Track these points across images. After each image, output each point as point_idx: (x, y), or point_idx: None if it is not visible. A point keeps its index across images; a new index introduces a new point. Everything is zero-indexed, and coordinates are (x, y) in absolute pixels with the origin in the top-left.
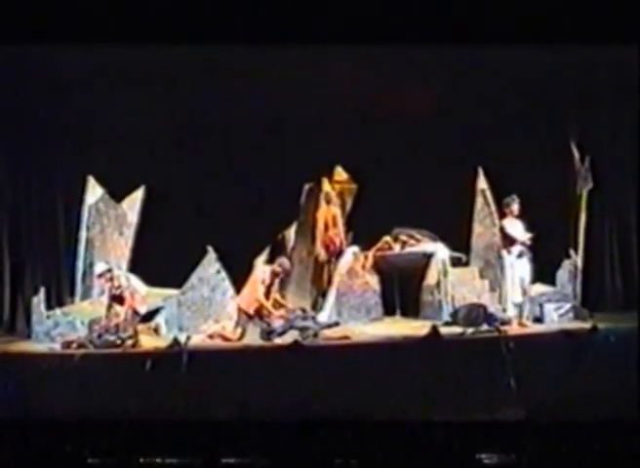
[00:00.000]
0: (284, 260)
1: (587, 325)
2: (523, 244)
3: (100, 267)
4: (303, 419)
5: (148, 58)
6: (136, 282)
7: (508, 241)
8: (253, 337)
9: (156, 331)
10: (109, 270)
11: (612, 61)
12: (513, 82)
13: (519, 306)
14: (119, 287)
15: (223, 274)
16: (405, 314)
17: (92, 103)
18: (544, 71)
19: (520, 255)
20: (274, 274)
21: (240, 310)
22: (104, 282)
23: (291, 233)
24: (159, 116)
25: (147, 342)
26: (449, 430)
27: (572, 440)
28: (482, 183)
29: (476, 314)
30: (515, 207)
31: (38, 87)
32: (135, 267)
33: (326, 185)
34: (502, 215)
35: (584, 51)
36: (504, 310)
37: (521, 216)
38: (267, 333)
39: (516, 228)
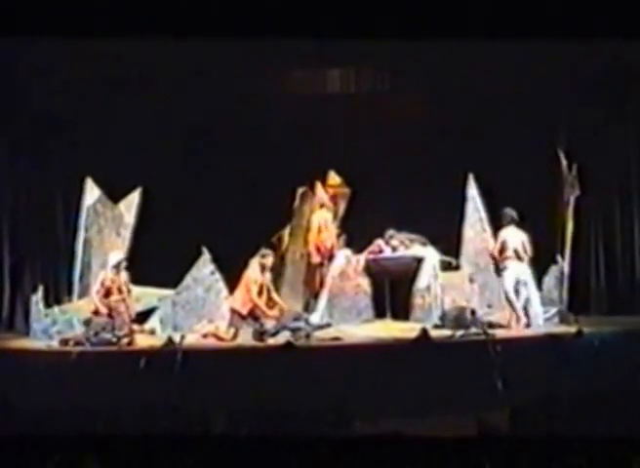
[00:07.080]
0: (266, 251)
1: (573, 329)
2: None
3: (115, 257)
4: (294, 420)
5: (147, 60)
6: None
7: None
8: (246, 337)
9: (151, 330)
10: (121, 262)
11: (599, 69)
12: (503, 89)
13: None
14: (115, 281)
15: (218, 275)
16: (395, 316)
17: (90, 104)
18: (533, 79)
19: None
20: (262, 267)
21: (233, 311)
22: (114, 273)
23: (285, 235)
24: (157, 118)
25: (142, 341)
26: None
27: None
28: (472, 189)
29: (465, 317)
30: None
31: (36, 87)
32: (131, 267)
33: (319, 189)
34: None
35: (571, 58)
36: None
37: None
38: (260, 334)
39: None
